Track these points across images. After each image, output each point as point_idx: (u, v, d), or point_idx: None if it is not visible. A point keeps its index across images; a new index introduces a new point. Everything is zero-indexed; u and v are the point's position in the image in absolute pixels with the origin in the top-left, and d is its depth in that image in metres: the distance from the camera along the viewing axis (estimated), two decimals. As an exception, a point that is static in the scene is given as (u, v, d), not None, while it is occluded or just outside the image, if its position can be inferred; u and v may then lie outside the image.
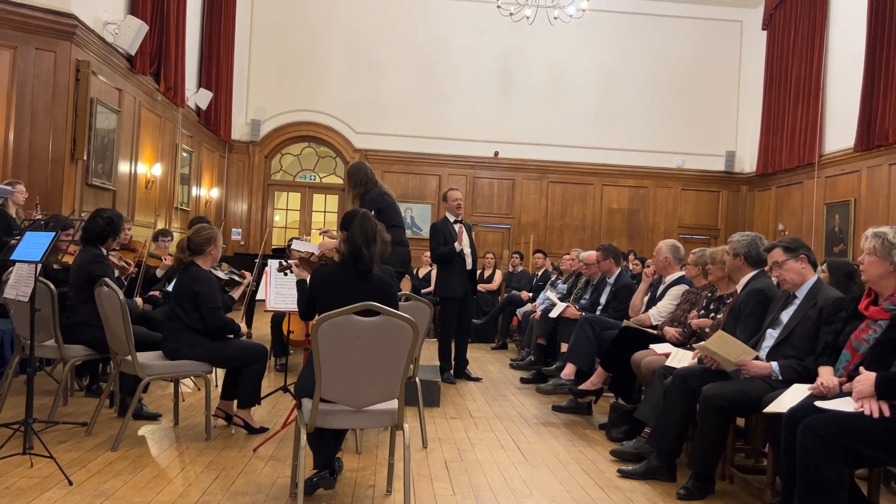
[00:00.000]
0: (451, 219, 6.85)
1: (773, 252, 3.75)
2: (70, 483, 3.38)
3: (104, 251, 4.80)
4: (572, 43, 13.90)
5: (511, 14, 11.02)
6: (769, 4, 13.58)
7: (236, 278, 5.09)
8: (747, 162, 14.37)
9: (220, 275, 5.03)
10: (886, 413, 2.72)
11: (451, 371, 6.75)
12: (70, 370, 4.82)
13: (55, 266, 5.15)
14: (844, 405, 2.84)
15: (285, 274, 4.56)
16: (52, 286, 4.52)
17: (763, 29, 13.81)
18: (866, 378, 2.80)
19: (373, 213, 5.49)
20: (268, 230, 13.81)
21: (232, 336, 4.40)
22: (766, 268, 3.97)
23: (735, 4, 14.32)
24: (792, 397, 3.13)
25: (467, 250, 6.82)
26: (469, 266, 6.83)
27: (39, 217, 5.99)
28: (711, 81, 14.41)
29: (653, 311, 5.43)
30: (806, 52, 12.30)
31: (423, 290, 10.33)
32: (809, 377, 3.30)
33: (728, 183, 14.63)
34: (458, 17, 14.03)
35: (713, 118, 14.45)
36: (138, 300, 5.28)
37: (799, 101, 12.40)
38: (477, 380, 6.79)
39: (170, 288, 5.72)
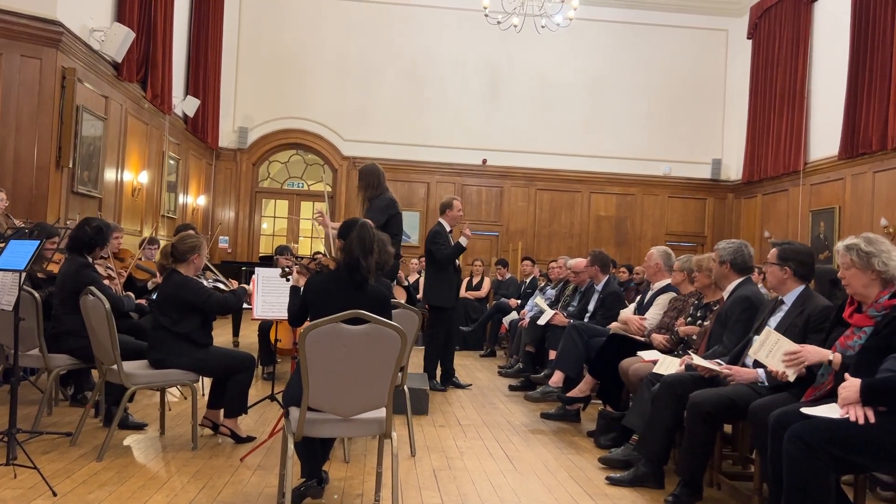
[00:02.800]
0: (448, 228, 6.84)
1: (771, 251, 3.79)
2: (54, 494, 3.34)
3: (90, 260, 4.77)
4: (560, 51, 13.96)
5: (499, 22, 11.06)
6: (754, 14, 13.72)
7: (222, 286, 5.06)
8: (733, 169, 14.47)
9: (205, 283, 5.00)
10: (872, 419, 2.74)
11: (437, 379, 6.72)
12: (55, 379, 4.77)
13: (40, 275, 5.10)
14: (830, 412, 2.86)
15: (287, 279, 4.55)
16: (37, 295, 4.48)
17: (748, 38, 13.94)
18: (852, 384, 2.81)
19: (386, 218, 5.55)
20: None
21: (239, 303, 4.58)
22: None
23: (720, 14, 14.45)
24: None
25: (457, 261, 6.83)
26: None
27: (23, 225, 5.93)
28: (697, 90, 14.52)
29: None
30: (790, 60, 12.42)
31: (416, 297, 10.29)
32: (794, 383, 3.31)
33: (714, 190, 14.73)
34: (446, 24, 14.07)
35: (699, 126, 14.55)
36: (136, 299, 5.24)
37: (784, 110, 12.51)
38: (467, 387, 6.78)
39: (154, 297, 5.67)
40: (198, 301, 4.22)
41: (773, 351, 3.32)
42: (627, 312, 5.73)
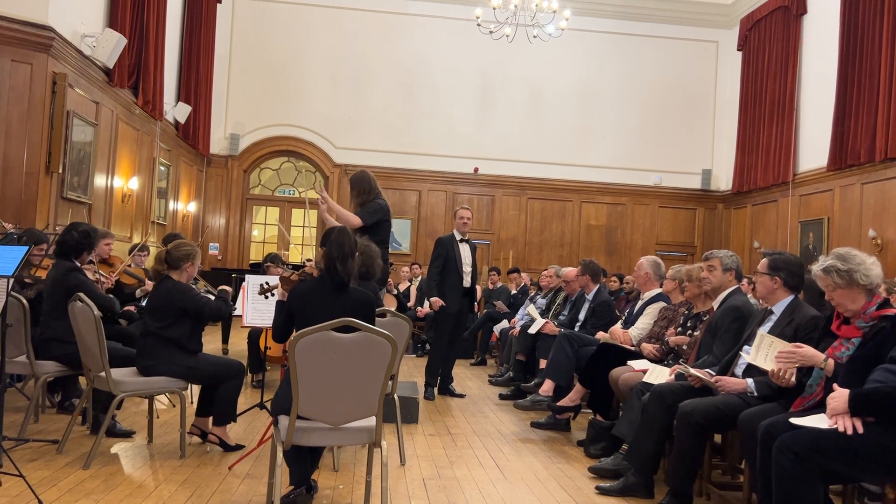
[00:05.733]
0: (458, 237, 6.87)
1: (762, 261, 3.82)
2: (40, 503, 3.30)
3: (78, 265, 4.74)
4: (551, 61, 14.04)
5: (491, 32, 11.11)
6: (744, 26, 13.85)
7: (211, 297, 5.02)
8: (723, 180, 14.56)
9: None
10: (860, 430, 2.75)
11: (436, 387, 6.72)
12: (42, 386, 4.73)
13: (27, 280, 5.07)
14: (819, 422, 2.87)
15: (266, 297, 4.54)
16: (24, 300, 4.45)
17: (738, 50, 14.06)
18: (840, 395, 2.82)
19: (375, 219, 5.57)
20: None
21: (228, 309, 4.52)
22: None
23: (711, 25, 14.57)
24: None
25: (467, 269, 6.84)
26: (468, 284, 6.85)
27: (12, 230, 5.90)
28: (688, 100, 14.62)
29: (632, 330, 5.44)
30: (780, 72, 12.54)
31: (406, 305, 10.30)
32: (783, 393, 3.33)
33: (704, 200, 14.80)
34: (439, 33, 14.12)
35: (690, 136, 14.64)
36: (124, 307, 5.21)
37: (773, 121, 12.61)
38: (461, 396, 6.78)
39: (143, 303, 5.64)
40: (193, 308, 4.19)
41: (769, 354, 3.33)
42: (616, 328, 5.73)
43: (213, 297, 4.69)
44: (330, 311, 3.16)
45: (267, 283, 4.46)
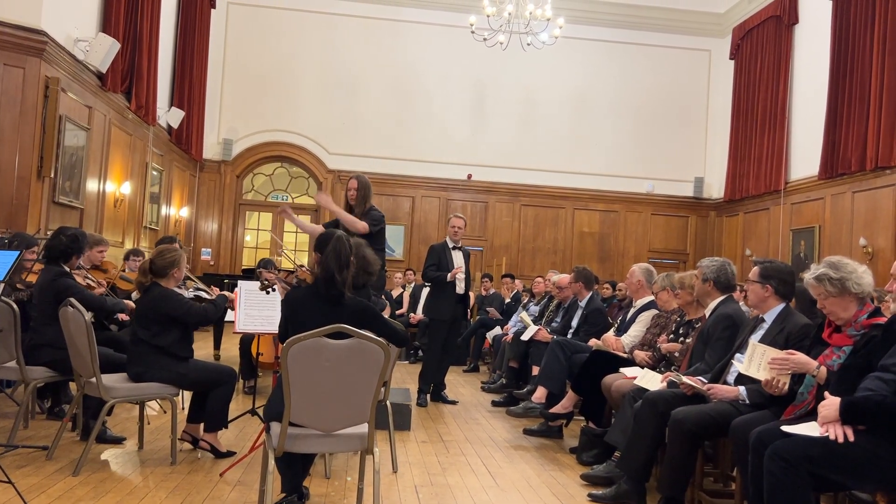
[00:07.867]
0: (450, 244, 6.91)
1: (753, 269, 3.83)
2: (29, 509, 3.29)
3: (68, 269, 4.72)
4: (545, 69, 14.08)
5: (485, 39, 11.14)
6: (736, 35, 13.93)
7: (203, 295, 5.02)
8: (715, 188, 14.62)
9: (185, 293, 4.96)
10: (851, 438, 2.76)
11: (429, 394, 6.72)
12: (31, 392, 4.71)
13: (18, 286, 5.04)
14: (810, 430, 2.88)
15: (267, 292, 4.55)
16: (15, 306, 4.43)
17: (730, 58, 14.14)
18: (831, 403, 2.83)
19: (374, 230, 5.61)
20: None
21: (221, 311, 4.51)
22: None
23: (704, 34, 14.65)
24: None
25: (461, 275, 6.86)
26: (461, 290, 6.87)
27: (3, 235, 5.87)
28: (680, 108, 14.68)
29: (624, 337, 5.45)
30: (772, 81, 12.61)
31: (396, 312, 10.31)
32: (775, 401, 3.34)
33: (697, 208, 14.86)
34: (433, 40, 14.14)
35: (682, 144, 14.69)
36: (129, 302, 5.19)
37: (765, 130, 12.68)
38: (453, 403, 6.77)
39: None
40: (177, 313, 4.18)
41: (762, 363, 3.34)
42: (609, 335, 5.74)
43: (203, 296, 4.68)
44: (324, 321, 3.13)
45: (266, 280, 4.47)
